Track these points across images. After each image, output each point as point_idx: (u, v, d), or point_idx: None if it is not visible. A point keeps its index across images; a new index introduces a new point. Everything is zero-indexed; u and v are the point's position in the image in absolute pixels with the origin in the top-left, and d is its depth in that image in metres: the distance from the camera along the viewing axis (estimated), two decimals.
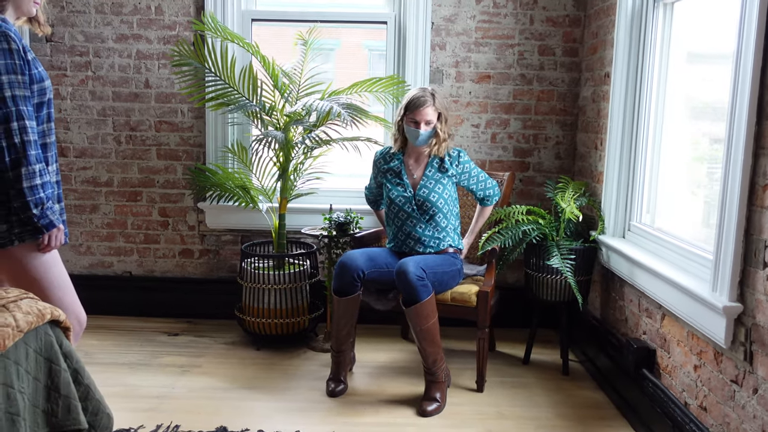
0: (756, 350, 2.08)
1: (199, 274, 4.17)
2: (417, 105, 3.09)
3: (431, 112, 3.10)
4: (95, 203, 4.11)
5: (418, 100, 3.10)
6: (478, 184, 3.28)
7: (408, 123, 3.14)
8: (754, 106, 2.07)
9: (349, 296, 3.10)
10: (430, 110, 3.09)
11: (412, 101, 3.11)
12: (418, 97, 3.11)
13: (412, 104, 3.10)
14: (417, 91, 3.16)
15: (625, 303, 3.15)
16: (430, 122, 3.11)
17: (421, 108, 3.08)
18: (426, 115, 3.09)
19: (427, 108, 3.08)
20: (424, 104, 3.08)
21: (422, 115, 3.09)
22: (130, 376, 3.29)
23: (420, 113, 3.09)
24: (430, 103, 3.09)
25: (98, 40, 3.95)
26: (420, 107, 3.08)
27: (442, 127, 3.14)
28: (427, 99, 3.09)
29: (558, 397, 3.17)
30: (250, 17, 3.95)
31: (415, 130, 3.11)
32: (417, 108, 3.08)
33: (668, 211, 3.07)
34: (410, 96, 3.15)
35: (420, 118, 3.09)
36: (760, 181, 2.08)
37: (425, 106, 3.08)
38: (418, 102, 3.09)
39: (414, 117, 3.10)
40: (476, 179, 3.28)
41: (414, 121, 3.11)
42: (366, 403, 3.05)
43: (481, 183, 3.29)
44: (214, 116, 3.93)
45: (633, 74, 3.18)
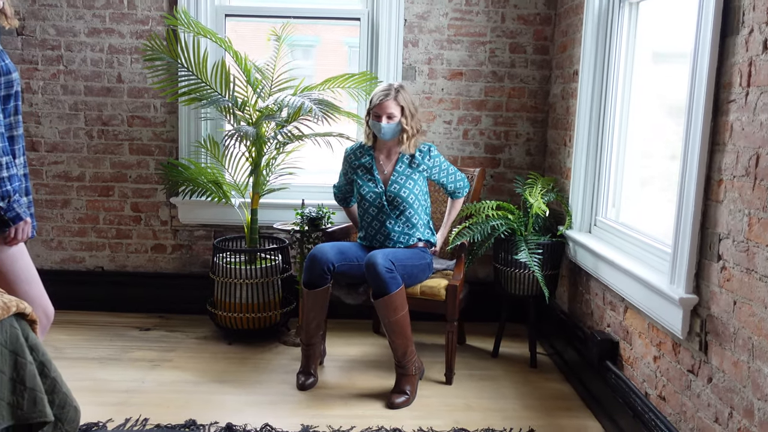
0: (711, 340, 2.14)
1: (171, 269, 4.17)
2: (379, 98, 3.16)
3: (393, 105, 3.15)
4: (66, 198, 4.10)
5: (380, 93, 3.18)
6: (448, 177, 3.33)
7: (372, 117, 3.19)
8: (710, 103, 2.13)
9: (318, 289, 3.12)
10: (391, 104, 3.14)
11: (375, 95, 3.20)
12: (380, 91, 3.19)
13: (375, 98, 3.18)
14: (383, 85, 3.24)
15: (591, 297, 3.21)
16: (392, 116, 3.15)
17: (382, 101, 3.14)
18: (387, 108, 3.14)
19: (387, 101, 3.14)
20: (385, 98, 3.14)
21: (383, 109, 3.14)
22: (99, 370, 3.28)
23: (381, 107, 3.15)
24: (391, 97, 3.14)
25: (70, 34, 3.93)
26: (381, 101, 3.14)
27: (408, 122, 3.18)
28: (389, 93, 3.16)
29: (525, 389, 3.22)
30: (224, 12, 3.96)
31: (378, 123, 3.17)
32: (379, 101, 3.15)
33: (633, 206, 3.14)
34: (375, 91, 3.24)
35: (381, 111, 3.15)
36: (716, 176, 2.14)
37: (386, 100, 3.14)
38: (380, 96, 3.16)
39: (376, 111, 3.17)
40: (446, 172, 3.33)
41: (377, 114, 3.16)
42: (336, 396, 3.08)
43: (451, 176, 3.34)
44: (186, 111, 3.93)
45: (600, 72, 3.24)
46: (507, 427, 2.82)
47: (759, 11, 1.91)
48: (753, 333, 1.91)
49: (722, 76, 2.10)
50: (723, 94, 2.10)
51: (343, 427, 2.77)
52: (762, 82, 1.89)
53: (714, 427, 2.11)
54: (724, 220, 2.08)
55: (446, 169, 3.33)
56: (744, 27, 1.99)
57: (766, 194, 1.87)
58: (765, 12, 1.89)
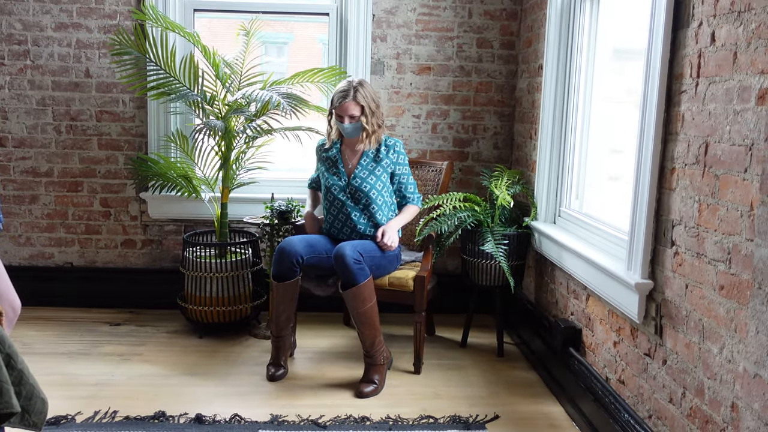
0: (665, 324, 2.22)
1: (141, 264, 4.17)
2: (339, 101, 3.18)
3: (353, 106, 3.17)
4: (35, 194, 4.07)
5: (339, 95, 3.18)
6: (401, 178, 3.34)
7: (335, 117, 3.23)
8: (662, 94, 2.21)
9: (288, 281, 3.15)
10: (351, 105, 3.17)
11: (335, 96, 3.21)
12: (340, 91, 3.19)
13: (335, 99, 3.20)
14: (342, 84, 3.23)
15: (556, 286, 3.28)
16: (353, 116, 3.19)
17: (342, 103, 3.17)
18: (347, 110, 3.18)
19: (347, 103, 3.16)
20: (344, 99, 3.16)
21: (344, 110, 3.18)
22: (68, 365, 3.28)
23: (342, 108, 3.18)
24: (350, 98, 3.16)
25: (37, 29, 3.91)
26: (341, 102, 3.17)
27: (368, 121, 3.21)
28: (347, 94, 3.17)
29: (492, 377, 3.28)
30: (192, 7, 3.96)
31: (341, 124, 3.22)
32: (339, 104, 3.18)
33: (595, 197, 3.21)
34: (335, 90, 3.25)
35: (342, 112, 3.19)
36: (669, 165, 2.21)
37: (346, 101, 3.16)
38: (339, 97, 3.18)
39: (338, 112, 3.21)
40: (404, 174, 3.35)
41: (339, 115, 3.21)
42: (305, 387, 3.12)
43: (403, 177, 3.34)
44: (155, 106, 3.93)
45: (563, 67, 3.31)
46: (473, 414, 2.87)
47: (707, 5, 1.99)
48: (703, 315, 1.98)
49: (674, 68, 2.17)
50: (675, 86, 2.17)
51: (312, 416, 2.81)
52: (710, 73, 1.97)
53: (668, 407, 2.18)
54: (676, 207, 2.16)
55: (404, 173, 3.35)
56: (694, 20, 2.06)
57: (715, 181, 1.94)
58: (713, 6, 1.96)
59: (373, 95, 3.24)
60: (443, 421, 2.81)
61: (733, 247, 1.84)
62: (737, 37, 1.83)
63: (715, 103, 1.94)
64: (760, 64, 1.73)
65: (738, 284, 1.81)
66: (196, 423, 2.72)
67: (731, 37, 1.86)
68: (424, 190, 3.70)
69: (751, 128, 1.76)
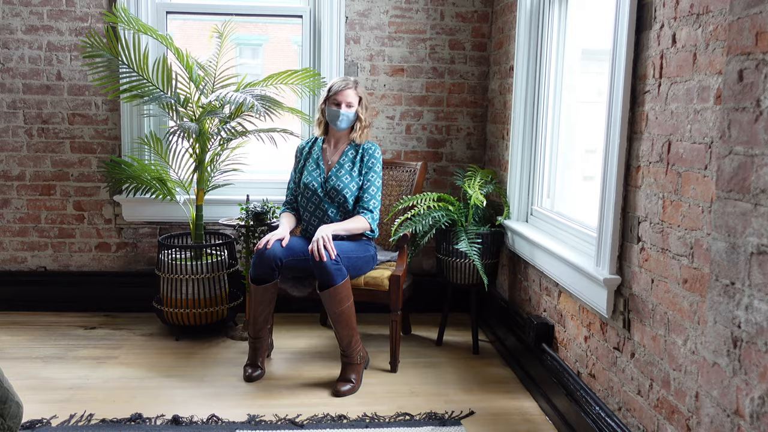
0: (633, 318, 2.28)
1: (116, 268, 4.15)
2: (340, 87, 3.27)
3: (353, 94, 3.29)
4: (6, 197, 4.04)
5: (340, 82, 3.30)
6: (366, 184, 3.30)
7: (330, 105, 3.29)
8: (627, 95, 2.27)
9: (267, 284, 3.17)
10: (351, 92, 3.28)
11: (335, 84, 3.31)
12: (341, 80, 3.31)
13: (335, 86, 3.29)
14: (340, 77, 3.38)
15: (529, 283, 3.34)
16: (351, 105, 3.29)
17: (344, 90, 3.27)
18: (347, 97, 3.27)
19: (348, 90, 3.28)
20: (346, 87, 3.27)
21: (344, 96, 3.27)
22: (43, 369, 3.26)
23: (342, 94, 3.27)
24: (352, 87, 3.29)
25: (7, 32, 3.88)
26: (343, 89, 3.27)
27: (363, 113, 3.33)
28: (349, 83, 3.30)
29: (467, 374, 3.33)
30: (165, 9, 3.96)
31: (337, 110, 3.27)
32: (340, 90, 3.27)
33: (566, 195, 3.28)
34: (333, 81, 3.34)
35: (342, 99, 3.27)
36: (634, 163, 2.27)
37: (347, 88, 3.28)
38: (341, 85, 3.28)
39: (337, 98, 3.27)
40: (369, 181, 3.31)
41: (336, 102, 3.27)
42: (282, 387, 3.13)
43: (367, 185, 3.30)
44: (128, 108, 3.93)
45: (533, 68, 3.37)
46: (449, 411, 2.91)
47: (669, 8, 2.05)
48: (668, 308, 2.05)
49: (638, 68, 2.24)
50: (639, 86, 2.23)
51: (289, 415, 2.83)
52: (672, 74, 2.03)
53: (637, 399, 2.24)
54: (642, 204, 2.22)
55: (371, 181, 3.31)
56: (656, 22, 2.13)
57: (678, 178, 2.00)
58: (673, 8, 2.02)
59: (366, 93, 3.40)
60: (419, 417, 2.85)
61: (695, 242, 1.90)
62: (696, 38, 1.90)
63: (676, 102, 2.00)
64: (717, 64, 1.79)
65: (700, 278, 1.87)
66: (173, 424, 2.73)
67: (691, 38, 1.93)
68: (399, 191, 3.74)
69: (711, 126, 1.82)
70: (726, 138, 1.38)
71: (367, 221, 3.28)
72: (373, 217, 3.30)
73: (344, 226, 3.21)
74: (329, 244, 3.03)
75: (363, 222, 3.27)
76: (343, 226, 3.20)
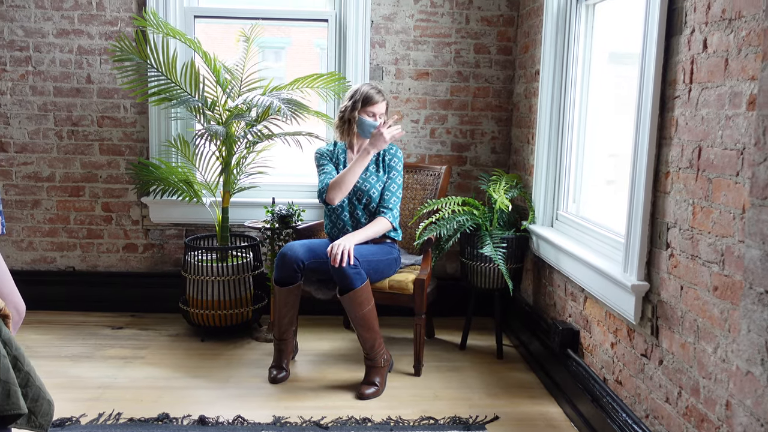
0: (661, 324, 2.26)
1: (143, 269, 4.20)
2: (375, 100, 3.32)
3: (384, 106, 3.37)
4: (37, 198, 4.11)
5: (373, 92, 3.33)
6: (388, 184, 3.34)
7: (362, 114, 3.32)
8: (657, 99, 2.25)
9: (290, 286, 3.19)
10: (383, 105, 3.36)
11: (368, 93, 3.32)
12: (373, 90, 3.34)
13: (370, 99, 3.31)
14: (367, 87, 3.34)
15: (554, 288, 3.32)
16: (382, 115, 3.36)
17: (378, 103, 3.33)
18: (381, 108, 3.35)
19: (383, 103, 3.36)
20: (380, 100, 3.34)
21: (379, 108, 3.34)
22: (72, 368, 3.31)
23: (378, 107, 3.33)
24: (384, 99, 3.37)
25: (38, 35, 3.95)
26: (378, 102, 3.33)
27: (387, 119, 3.37)
28: (381, 92, 3.36)
29: (491, 379, 3.32)
30: (193, 14, 4.01)
31: (372, 121, 3.31)
32: (375, 103, 3.32)
33: (592, 200, 3.26)
34: (365, 92, 3.33)
35: (377, 111, 3.33)
36: (663, 169, 2.25)
37: (381, 102, 3.34)
38: (376, 98, 3.32)
39: (372, 110, 3.32)
40: (391, 182, 3.35)
41: (372, 113, 3.32)
42: (307, 389, 3.15)
43: (387, 187, 3.34)
44: (156, 111, 3.98)
45: (559, 72, 3.36)
46: (473, 415, 2.91)
47: (699, 13, 2.03)
48: (698, 315, 2.03)
49: (668, 73, 2.22)
50: (669, 91, 2.22)
51: (314, 417, 2.84)
52: (703, 79, 2.01)
53: (665, 406, 2.22)
54: (671, 210, 2.20)
55: (393, 180, 3.35)
56: (687, 27, 2.11)
57: (708, 185, 1.98)
58: (704, 13, 2.01)
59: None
60: (444, 422, 2.85)
61: (726, 249, 1.88)
62: (728, 44, 1.88)
63: (707, 108, 1.99)
64: (750, 70, 1.78)
65: (731, 285, 1.85)
66: (199, 425, 2.76)
67: (722, 44, 1.91)
68: (423, 194, 3.75)
69: (743, 133, 1.80)
70: (761, 145, 1.37)
71: (389, 221, 3.30)
72: (394, 215, 3.33)
73: (366, 233, 3.22)
74: (350, 253, 3.04)
75: (384, 223, 3.29)
76: (365, 233, 3.21)
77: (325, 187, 3.28)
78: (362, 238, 3.19)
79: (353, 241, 3.12)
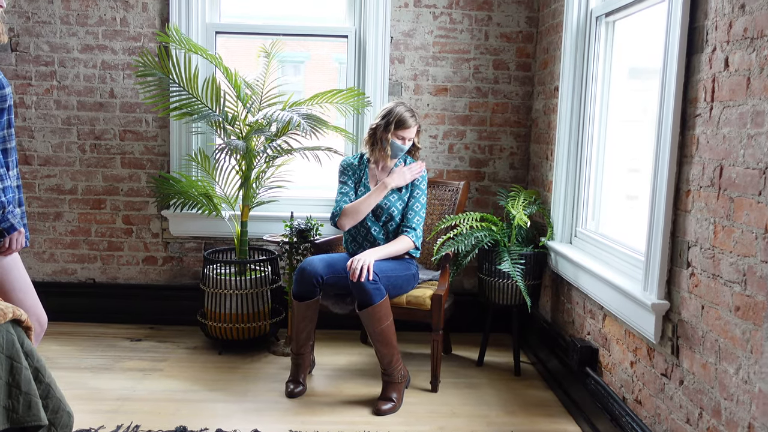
0: (682, 344, 2.23)
1: (162, 281, 4.24)
2: (408, 124, 3.33)
3: (415, 130, 3.39)
4: (59, 211, 4.16)
5: (407, 115, 3.33)
6: (412, 202, 3.36)
7: (395, 138, 3.32)
8: (677, 117, 2.24)
9: (308, 300, 3.20)
10: (415, 129, 3.39)
11: (403, 116, 3.32)
12: (407, 113, 3.34)
13: (404, 123, 3.32)
14: (401, 107, 3.34)
15: (572, 305, 3.30)
16: (411, 140, 3.39)
17: (411, 127, 3.35)
18: (412, 133, 3.37)
19: (414, 127, 3.37)
20: (413, 125, 3.36)
21: (410, 133, 3.36)
22: (91, 379, 3.34)
23: (410, 131, 3.36)
24: (416, 123, 3.38)
25: (63, 50, 4.02)
26: (410, 127, 3.35)
27: (417, 140, 3.45)
28: (416, 118, 3.38)
29: (508, 396, 3.30)
30: (214, 30, 4.06)
31: (402, 146, 3.34)
32: (408, 127, 3.33)
33: (611, 217, 3.24)
34: (399, 114, 3.32)
35: (409, 135, 3.36)
36: (684, 187, 2.24)
37: (413, 126, 3.36)
38: (409, 122, 3.33)
39: (403, 134, 3.33)
40: (414, 200, 3.36)
41: (401, 137, 3.33)
42: (324, 404, 3.15)
43: (410, 206, 3.36)
44: (177, 125, 4.02)
45: (578, 88, 3.36)
46: None
47: (721, 31, 2.03)
48: (719, 335, 2.01)
49: (689, 91, 2.21)
50: (690, 109, 2.21)
51: None
52: (724, 98, 2.00)
53: (685, 427, 2.20)
54: (692, 229, 2.18)
55: (417, 200, 3.36)
56: (708, 46, 2.10)
57: (730, 204, 1.97)
58: (726, 32, 2.00)
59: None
60: None
61: (748, 269, 1.86)
62: (750, 63, 1.87)
63: (729, 127, 1.97)
64: None
65: (753, 305, 1.83)
66: None
67: (744, 62, 1.90)
68: (441, 210, 3.75)
69: (765, 152, 1.79)
70: None
71: (411, 240, 3.31)
72: (417, 234, 3.32)
73: (388, 250, 3.23)
74: (370, 268, 3.05)
75: (407, 242, 3.30)
76: (387, 250, 3.22)
77: (339, 211, 3.32)
78: (383, 255, 3.19)
79: (374, 257, 3.12)
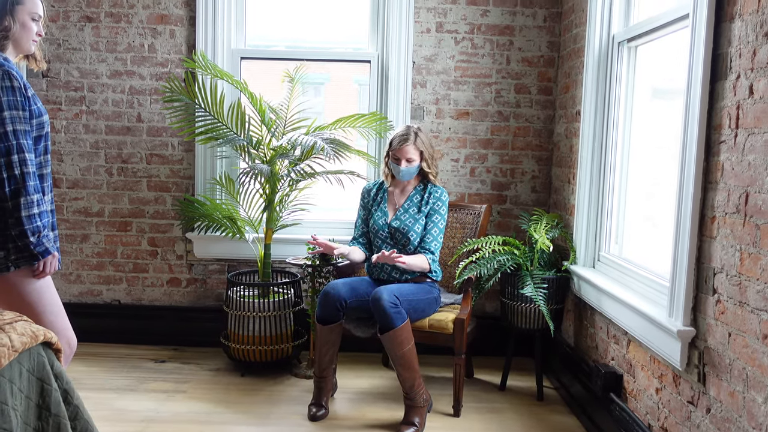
0: (708, 371, 2.22)
1: (186, 303, 4.28)
2: (399, 143, 3.32)
3: (412, 150, 3.32)
4: (86, 233, 4.23)
5: (399, 138, 3.33)
6: (430, 226, 3.35)
7: (392, 160, 3.35)
8: (702, 143, 2.25)
9: (332, 324, 3.22)
10: (410, 148, 3.32)
11: (394, 139, 3.36)
12: (400, 135, 3.34)
13: (395, 142, 3.34)
14: (402, 129, 3.39)
15: (596, 330, 3.28)
16: (411, 160, 3.33)
17: (402, 146, 3.31)
18: (406, 153, 3.32)
19: (407, 146, 3.31)
20: (404, 143, 3.31)
21: (403, 153, 3.32)
22: (116, 400, 3.37)
23: (401, 151, 3.32)
24: (411, 142, 3.31)
25: (93, 76, 4.12)
26: (401, 145, 3.31)
27: (429, 166, 3.38)
28: (408, 137, 3.32)
29: (531, 421, 3.28)
30: (240, 55, 4.13)
31: (397, 166, 3.34)
32: (399, 146, 3.32)
33: (635, 241, 3.23)
34: (393, 136, 3.39)
35: (401, 155, 3.32)
36: (709, 213, 2.24)
37: (406, 144, 3.31)
38: (400, 140, 3.32)
39: (396, 154, 3.33)
40: (433, 223, 3.36)
41: (396, 158, 3.31)
42: (346, 427, 3.15)
43: (429, 230, 3.35)
44: (203, 150, 4.09)
45: (601, 112, 3.37)
46: None
47: (745, 59, 2.04)
48: (747, 364, 1.99)
49: (713, 118, 2.22)
50: (714, 136, 2.21)
51: None
52: (749, 125, 2.01)
53: None
54: (717, 255, 2.18)
55: (435, 223, 3.36)
56: (732, 73, 2.11)
57: (756, 231, 1.96)
58: (750, 59, 2.01)
59: (430, 141, 3.41)
60: None
61: None
62: None
63: (754, 154, 1.97)
64: None
65: None
66: None
67: None
68: (463, 233, 3.76)
69: None
70: None
71: (428, 261, 3.31)
72: (434, 258, 3.33)
73: (406, 258, 3.20)
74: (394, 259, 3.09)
75: (424, 260, 3.30)
76: (405, 257, 3.20)
77: (352, 244, 3.49)
78: (402, 259, 3.15)
79: (395, 259, 3.12)
